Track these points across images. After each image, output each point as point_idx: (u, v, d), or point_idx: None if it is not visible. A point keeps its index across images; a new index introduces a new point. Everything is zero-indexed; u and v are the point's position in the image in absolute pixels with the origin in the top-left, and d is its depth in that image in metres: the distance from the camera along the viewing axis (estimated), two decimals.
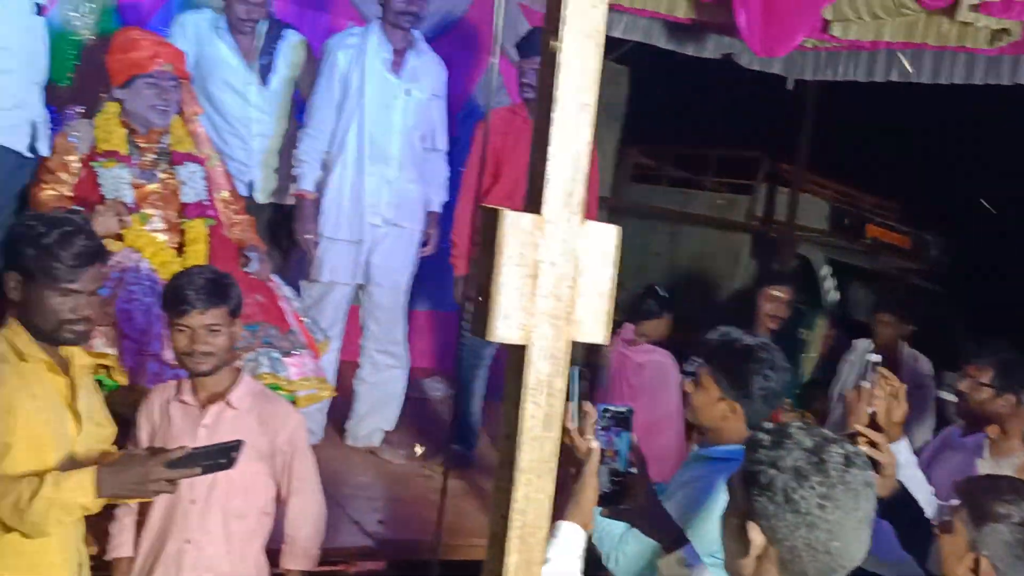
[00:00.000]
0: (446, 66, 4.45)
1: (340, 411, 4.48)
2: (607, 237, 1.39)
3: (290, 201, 4.40)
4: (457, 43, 5.44)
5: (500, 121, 4.41)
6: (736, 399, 2.37)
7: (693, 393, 2.45)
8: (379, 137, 4.20)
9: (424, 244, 4.43)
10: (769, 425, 1.66)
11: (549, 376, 1.36)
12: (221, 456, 2.30)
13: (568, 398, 1.65)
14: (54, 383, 2.36)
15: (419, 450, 4.51)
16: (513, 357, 1.37)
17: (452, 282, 4.46)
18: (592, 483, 1.96)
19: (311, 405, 3.86)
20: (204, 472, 2.29)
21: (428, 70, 4.33)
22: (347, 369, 4.52)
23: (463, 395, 4.55)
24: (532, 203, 1.37)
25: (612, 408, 2.06)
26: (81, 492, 2.17)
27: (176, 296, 2.65)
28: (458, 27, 5.64)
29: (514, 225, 1.32)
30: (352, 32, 4.32)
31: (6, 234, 2.44)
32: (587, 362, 4.82)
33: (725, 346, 2.42)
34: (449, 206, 4.51)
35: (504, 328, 1.33)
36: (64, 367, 2.41)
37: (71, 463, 2.32)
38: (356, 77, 4.17)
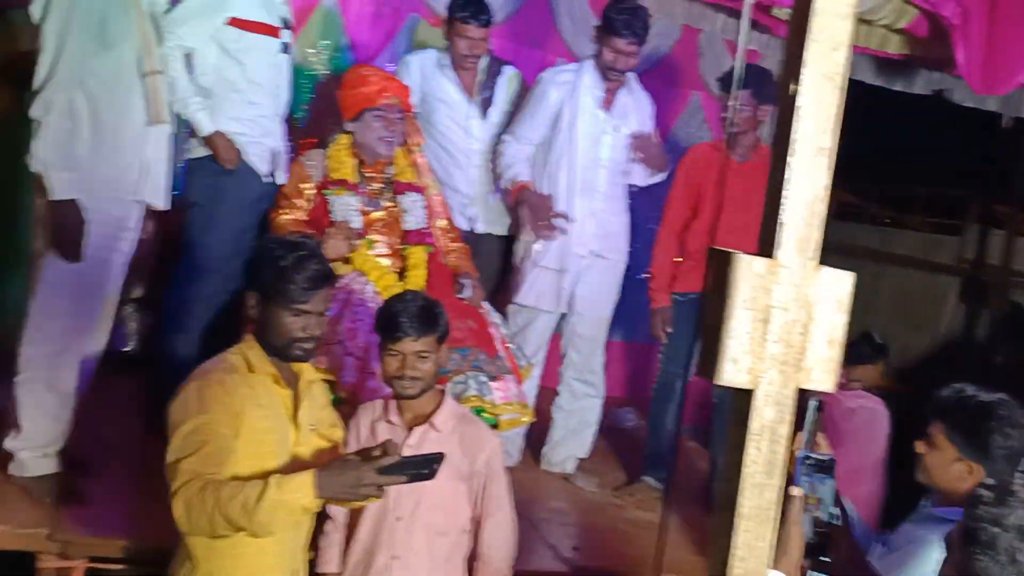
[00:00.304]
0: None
1: (537, 436, 4.58)
2: (841, 284, 1.38)
3: (498, 231, 4.56)
4: (661, 78, 5.51)
5: (701, 156, 4.46)
6: (974, 459, 2.29)
7: (926, 453, 2.38)
8: (587, 171, 4.31)
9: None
10: (991, 481, 1.61)
11: (773, 422, 1.35)
12: (424, 467, 2.36)
13: (799, 428, 1.64)
14: (279, 395, 2.50)
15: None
16: (738, 401, 1.37)
17: (646, 314, 4.49)
18: (798, 531, 1.93)
19: (512, 429, 3.98)
20: (409, 481, 2.35)
21: (638, 107, 4.42)
22: (545, 395, 4.62)
23: (655, 427, 4.58)
24: (765, 247, 1.37)
25: (814, 456, 2.04)
26: (302, 493, 2.24)
27: (390, 322, 2.76)
28: (662, 63, 5.70)
29: (747, 268, 1.33)
30: (566, 68, 4.46)
31: (248, 257, 2.65)
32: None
33: (960, 403, 2.34)
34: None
35: (732, 372, 1.33)
36: (291, 381, 2.56)
37: (295, 468, 2.45)
38: (567, 113, 4.30)
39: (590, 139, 4.30)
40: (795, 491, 1.96)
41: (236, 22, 3.70)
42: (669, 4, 5.61)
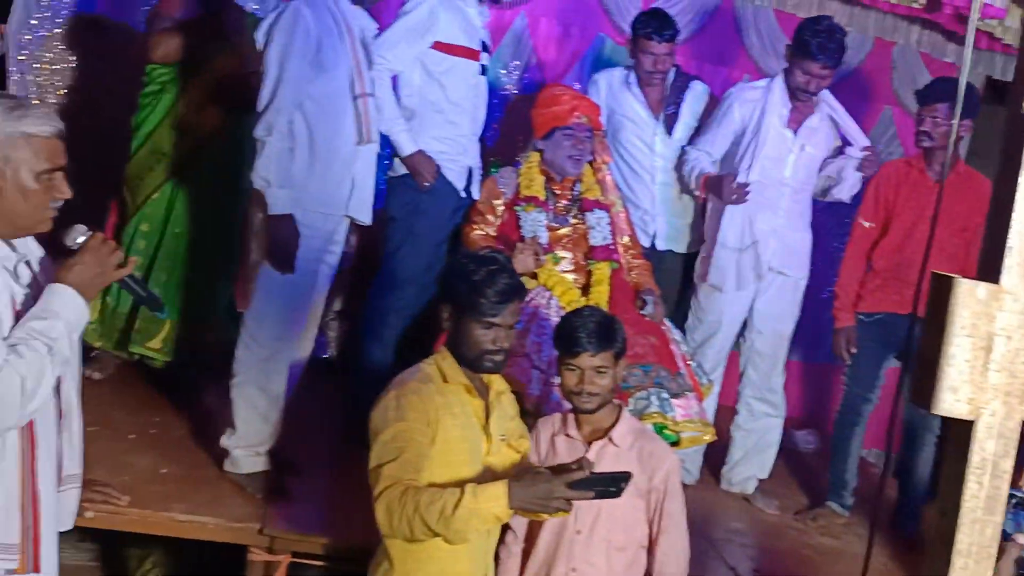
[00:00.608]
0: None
1: (715, 455, 4.56)
2: None
3: (679, 248, 4.57)
4: (851, 92, 5.37)
5: (894, 172, 4.33)
6: None
7: None
8: (769, 188, 4.26)
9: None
10: None
11: (995, 456, 1.31)
12: (612, 484, 2.37)
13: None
14: (471, 405, 2.57)
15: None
16: (957, 432, 1.32)
17: (827, 333, 4.41)
18: (1007, 570, 1.88)
19: (692, 447, 3.97)
20: (595, 497, 2.37)
21: (826, 125, 4.34)
22: (723, 414, 4.58)
23: (839, 451, 4.47)
24: (988, 272, 1.31)
25: (1018, 493, 1.96)
26: (495, 503, 2.29)
27: (569, 337, 2.78)
28: (852, 76, 5.57)
29: (968, 294, 1.28)
30: (754, 85, 4.42)
31: (443, 270, 2.74)
32: None
33: None
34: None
35: (951, 401, 1.29)
36: (482, 392, 2.63)
37: (486, 477, 2.53)
38: (752, 130, 4.27)
39: (774, 157, 4.24)
40: (1021, 539, 1.88)
41: (440, 46, 3.87)
42: (862, 17, 5.49)
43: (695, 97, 4.52)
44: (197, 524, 3.23)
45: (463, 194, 4.04)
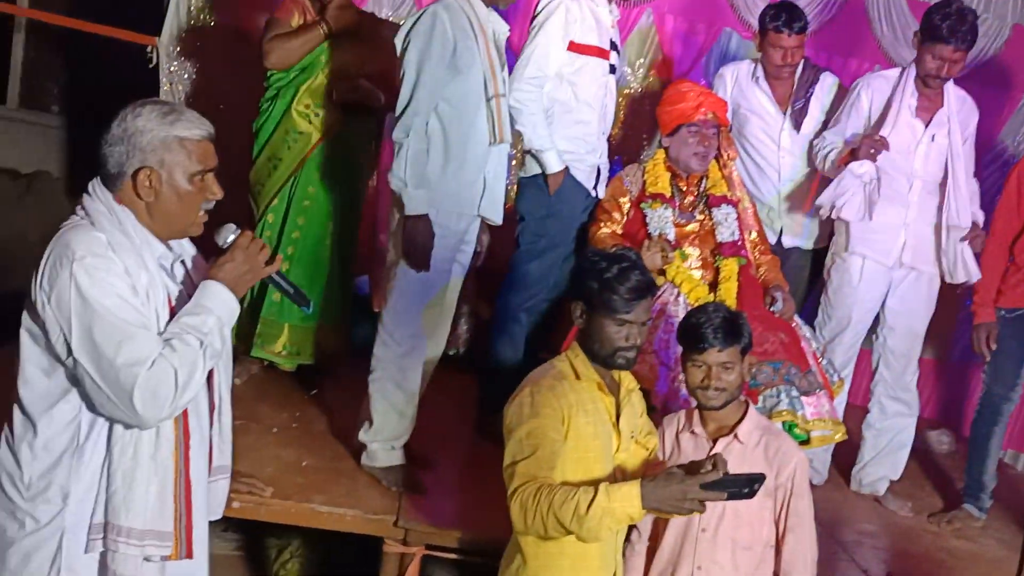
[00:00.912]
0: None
1: (844, 455, 4.47)
2: None
3: (805, 245, 4.49)
4: (986, 81, 5.21)
5: None
6: None
7: None
8: (897, 181, 4.15)
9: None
10: None
11: None
12: (746, 486, 2.34)
13: None
14: (603, 402, 2.59)
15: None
16: None
17: (962, 330, 4.30)
18: None
19: (822, 446, 3.91)
20: (728, 499, 2.35)
21: (957, 116, 4.20)
22: (851, 413, 4.49)
23: (978, 452, 4.33)
24: None
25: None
26: (628, 503, 2.30)
27: (695, 333, 2.75)
28: (988, 65, 5.39)
29: None
30: (882, 75, 4.31)
31: (574, 268, 2.75)
32: None
33: None
34: None
35: None
36: (613, 389, 2.64)
37: (617, 474, 2.56)
38: (880, 119, 4.16)
39: (903, 150, 4.12)
40: None
41: (572, 46, 3.90)
42: (1000, 4, 5.29)
43: (825, 90, 4.43)
44: (336, 515, 3.32)
45: (592, 193, 4.07)
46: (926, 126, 4.13)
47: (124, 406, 2.00)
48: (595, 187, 4.08)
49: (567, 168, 3.96)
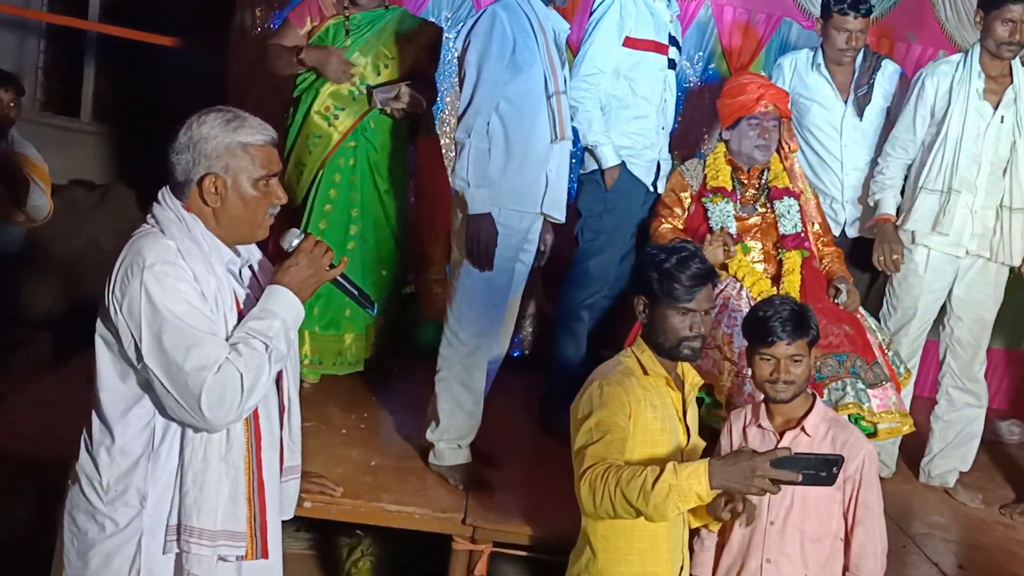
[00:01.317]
0: None
1: (910, 447, 4.42)
2: None
3: (869, 235, 4.44)
4: None
5: None
6: None
7: None
8: (965, 166, 4.08)
9: None
10: None
11: None
12: (822, 468, 2.26)
13: None
14: (671, 397, 2.61)
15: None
16: None
17: None
18: None
19: (889, 439, 3.87)
20: (803, 482, 2.28)
21: None
22: (919, 405, 4.44)
23: None
24: None
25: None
26: (696, 480, 2.27)
27: (763, 327, 2.75)
28: None
29: None
30: (947, 60, 4.24)
31: (635, 263, 2.77)
32: None
33: None
34: None
35: None
36: (679, 385, 2.67)
37: None
38: (947, 106, 4.09)
39: (971, 133, 4.05)
40: None
41: (628, 41, 3.91)
42: None
43: (886, 77, 4.37)
44: (405, 514, 3.36)
45: (651, 188, 4.07)
46: (995, 109, 4.06)
47: (192, 410, 2.04)
48: (655, 183, 4.08)
49: (624, 163, 3.97)
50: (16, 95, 4.37)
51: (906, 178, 4.25)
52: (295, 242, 2.25)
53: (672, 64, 4.08)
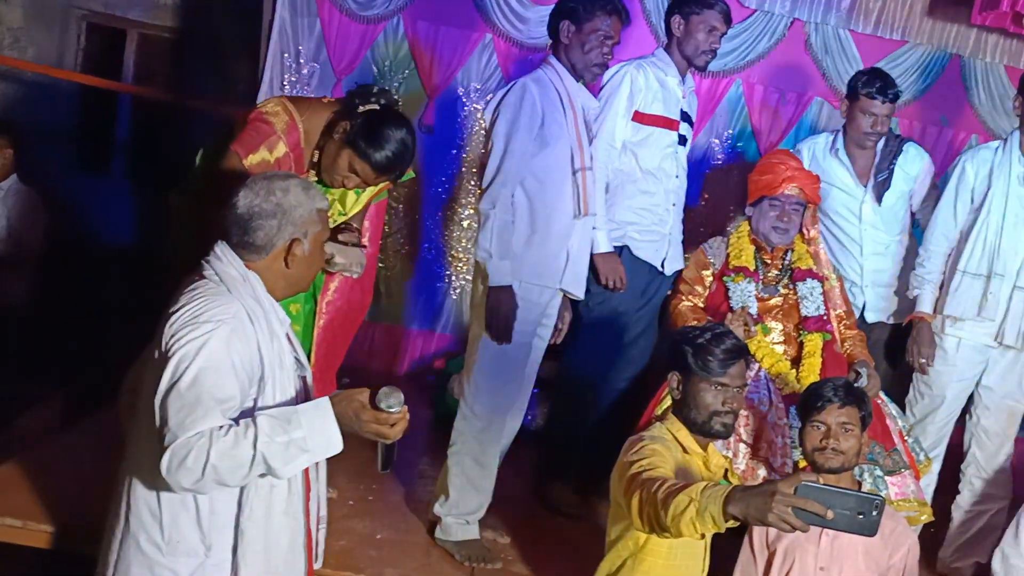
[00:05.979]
0: None
1: (931, 536, 4.30)
2: None
3: (891, 321, 4.38)
4: None
5: None
6: None
7: None
8: (1006, 251, 4.03)
9: None
10: None
11: None
12: (859, 508, 1.94)
13: None
14: (704, 477, 2.62)
15: None
16: None
17: None
18: None
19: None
20: (838, 525, 1.95)
21: None
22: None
23: None
24: None
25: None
26: (713, 501, 2.09)
27: (816, 394, 2.88)
28: None
29: None
30: (987, 146, 4.20)
31: (671, 342, 2.81)
32: None
33: None
34: None
35: None
36: (708, 464, 2.69)
37: None
38: (986, 190, 4.04)
39: (1013, 220, 4.00)
40: None
41: (638, 116, 3.91)
42: None
43: (908, 160, 4.30)
44: None
45: (659, 267, 4.05)
46: None
47: (157, 458, 1.98)
48: (663, 261, 4.05)
49: (627, 247, 3.95)
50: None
51: None
52: (394, 409, 2.06)
53: (683, 140, 4.06)
